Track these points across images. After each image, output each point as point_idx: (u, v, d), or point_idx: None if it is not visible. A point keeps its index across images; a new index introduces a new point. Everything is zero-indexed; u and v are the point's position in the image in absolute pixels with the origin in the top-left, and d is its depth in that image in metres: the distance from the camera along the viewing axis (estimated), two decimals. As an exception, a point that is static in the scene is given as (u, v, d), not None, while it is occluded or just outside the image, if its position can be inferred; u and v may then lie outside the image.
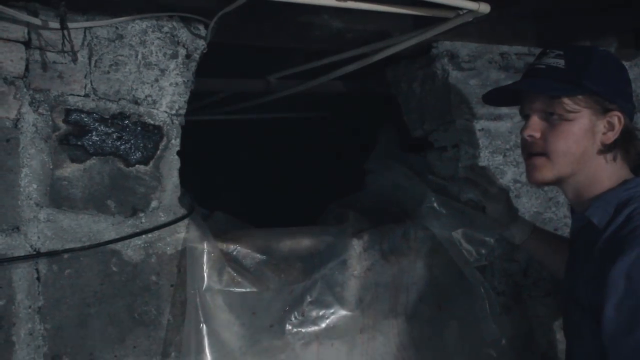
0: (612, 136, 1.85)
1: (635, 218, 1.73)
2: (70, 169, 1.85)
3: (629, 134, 1.88)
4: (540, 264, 2.58)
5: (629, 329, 1.60)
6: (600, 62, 1.88)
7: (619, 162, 1.89)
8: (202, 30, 2.02)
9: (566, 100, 1.84)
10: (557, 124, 1.88)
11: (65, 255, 1.84)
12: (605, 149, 1.87)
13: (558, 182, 1.94)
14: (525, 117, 1.98)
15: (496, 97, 2.12)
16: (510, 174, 2.64)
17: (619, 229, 1.75)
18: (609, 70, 1.89)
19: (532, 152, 1.94)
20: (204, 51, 2.06)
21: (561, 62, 1.89)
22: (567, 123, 1.86)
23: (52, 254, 1.82)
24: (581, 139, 1.86)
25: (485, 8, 1.84)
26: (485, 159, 2.59)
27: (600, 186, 1.88)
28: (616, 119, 1.84)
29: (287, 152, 4.77)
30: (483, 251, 2.45)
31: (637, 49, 2.96)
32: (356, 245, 2.29)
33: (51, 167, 1.82)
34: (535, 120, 1.92)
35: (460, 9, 1.86)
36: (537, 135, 1.91)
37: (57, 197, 1.83)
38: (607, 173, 1.88)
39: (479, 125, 2.59)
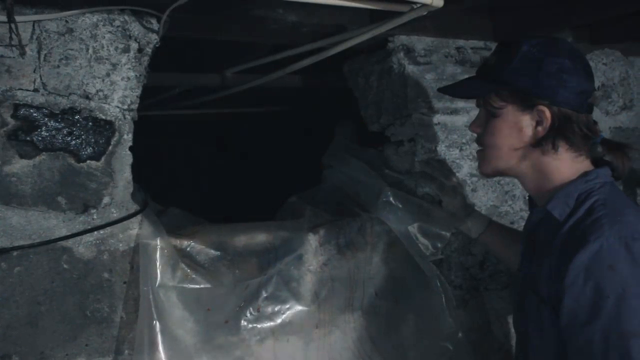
0: (541, 130, 1.85)
1: (596, 210, 1.74)
2: (19, 165, 1.81)
3: (567, 124, 1.85)
4: (496, 257, 2.59)
5: (586, 320, 1.61)
6: (527, 54, 1.87)
7: (569, 154, 1.88)
8: (155, 24, 2.00)
9: (493, 97, 1.89)
10: (489, 120, 1.94)
11: (15, 253, 1.81)
12: (538, 142, 1.87)
13: (504, 174, 2.00)
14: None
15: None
16: (466, 167, 2.65)
17: (580, 221, 1.75)
18: (537, 62, 1.86)
19: (477, 144, 2.04)
20: (157, 45, 2.03)
21: (493, 59, 1.94)
22: (495, 119, 1.91)
23: (0, 252, 1.78)
24: (506, 135, 1.89)
25: (438, 2, 1.84)
26: (441, 153, 2.60)
27: (556, 179, 1.88)
28: (542, 113, 1.84)
29: (247, 147, 4.75)
30: (439, 245, 2.47)
31: (592, 43, 2.99)
32: (312, 240, 2.28)
33: (-1, 163, 1.79)
34: (480, 115, 1.99)
35: (414, 2, 1.86)
36: (478, 130, 2.00)
37: (5, 193, 1.79)
38: (557, 166, 1.88)
39: (435, 119, 2.60)
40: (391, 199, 2.44)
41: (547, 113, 1.83)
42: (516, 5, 2.54)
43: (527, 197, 2.72)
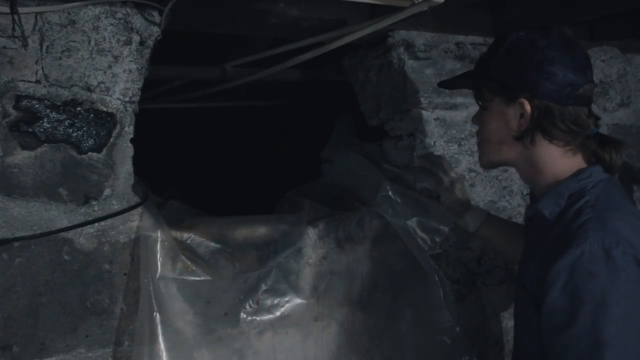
0: (524, 123, 1.84)
1: (584, 213, 1.71)
2: (20, 156, 1.81)
3: (549, 118, 1.82)
4: (495, 251, 2.60)
5: (563, 325, 1.59)
6: (510, 47, 1.87)
7: (558, 149, 1.85)
8: (157, 17, 2.00)
9: (483, 91, 1.94)
10: (481, 114, 1.98)
11: (16, 244, 1.81)
12: (521, 135, 1.87)
13: (500, 166, 2.03)
14: None
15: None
16: (465, 163, 2.66)
17: (568, 224, 1.72)
18: (519, 54, 1.85)
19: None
20: (159, 38, 2.03)
21: (485, 53, 1.98)
22: (485, 112, 1.95)
23: (2, 242, 1.78)
24: (495, 128, 1.92)
25: (440, -3, 1.85)
26: (440, 148, 2.61)
27: (548, 174, 1.87)
28: (523, 106, 1.83)
29: (247, 140, 4.75)
30: (437, 239, 2.46)
31: (590, 40, 3.00)
32: (311, 234, 2.29)
33: (1, 154, 1.78)
34: (479, 109, 2.01)
35: (416, -3, 1.87)
36: (476, 123, 2.05)
37: (7, 184, 1.79)
38: (545, 160, 1.86)
39: (434, 114, 2.60)
40: (390, 193, 2.45)
41: (527, 106, 1.82)
42: (515, 1, 2.55)
43: (524, 193, 2.75)
